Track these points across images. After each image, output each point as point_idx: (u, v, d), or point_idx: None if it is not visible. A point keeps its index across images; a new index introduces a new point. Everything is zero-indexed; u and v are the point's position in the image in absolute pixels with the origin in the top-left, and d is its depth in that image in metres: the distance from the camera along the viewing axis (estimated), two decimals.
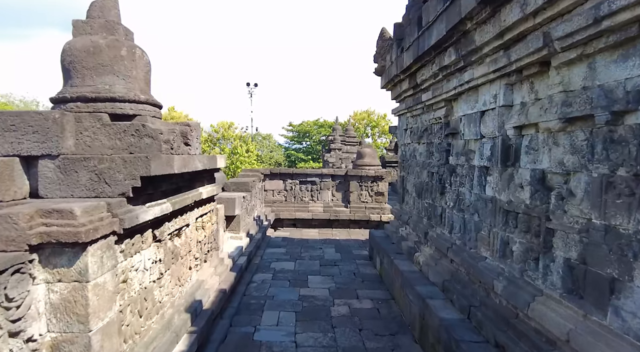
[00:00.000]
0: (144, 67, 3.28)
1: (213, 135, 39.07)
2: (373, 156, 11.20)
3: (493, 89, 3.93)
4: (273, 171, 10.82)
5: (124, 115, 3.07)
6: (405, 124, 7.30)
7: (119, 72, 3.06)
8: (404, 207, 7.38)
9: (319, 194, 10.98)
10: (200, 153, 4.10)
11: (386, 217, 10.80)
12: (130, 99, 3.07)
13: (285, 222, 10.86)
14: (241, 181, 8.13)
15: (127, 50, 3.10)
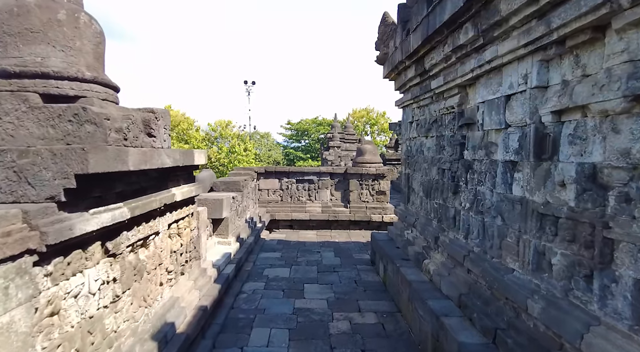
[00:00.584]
0: (92, 37, 2.60)
1: (211, 134, 38.42)
2: (374, 153, 10.54)
3: (522, 68, 3.25)
4: (268, 169, 10.14)
5: (62, 96, 2.39)
6: (411, 116, 6.62)
7: (56, 41, 2.39)
8: (409, 208, 6.71)
9: (317, 193, 10.31)
10: (170, 146, 3.42)
11: (388, 217, 10.13)
12: (71, 75, 2.40)
13: (281, 224, 10.19)
14: (231, 180, 7.45)
15: (67, 13, 2.43)
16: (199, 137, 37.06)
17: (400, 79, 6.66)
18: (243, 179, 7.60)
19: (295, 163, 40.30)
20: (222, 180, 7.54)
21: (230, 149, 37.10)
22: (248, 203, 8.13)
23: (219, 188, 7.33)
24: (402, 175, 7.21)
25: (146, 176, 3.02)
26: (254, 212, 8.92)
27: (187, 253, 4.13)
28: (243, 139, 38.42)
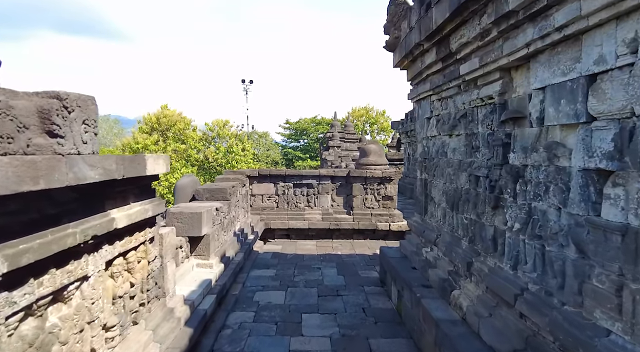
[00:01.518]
0: None
1: (208, 134, 37.35)
2: (379, 154, 9.46)
3: (624, 31, 2.16)
4: (262, 173, 9.06)
5: None
6: (429, 110, 5.53)
7: None
8: (427, 221, 5.62)
9: (317, 199, 9.24)
10: (98, 151, 2.31)
11: (396, 225, 9.05)
12: None
13: (276, 233, 9.11)
14: (217, 186, 6.36)
15: None
16: (196, 137, 36.00)
17: (415, 66, 5.58)
18: (231, 186, 6.51)
19: (294, 163, 39.27)
20: (206, 187, 6.45)
21: (227, 149, 36.06)
22: (237, 212, 7.05)
23: (202, 197, 6.25)
24: (418, 181, 6.12)
25: (51, 199, 1.92)
26: (245, 222, 7.84)
27: (143, 293, 3.04)
28: (241, 138, 37.33)
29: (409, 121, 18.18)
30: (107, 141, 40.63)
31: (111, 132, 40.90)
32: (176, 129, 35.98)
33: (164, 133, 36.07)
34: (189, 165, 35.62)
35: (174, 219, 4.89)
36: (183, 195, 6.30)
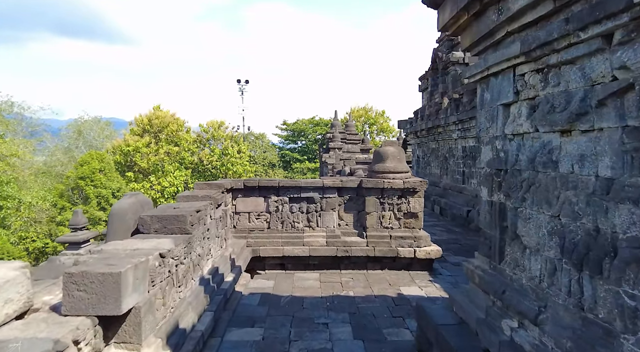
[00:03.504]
0: None
1: (202, 136, 35.10)
2: (399, 158, 7.23)
3: None
4: (248, 184, 6.80)
5: None
6: (511, 91, 3.25)
7: None
8: (505, 272, 3.33)
9: (320, 217, 6.99)
10: None
11: (423, 251, 6.80)
12: None
13: (268, 262, 6.85)
14: (172, 213, 4.08)
15: None
16: (189, 139, 33.73)
17: (482, 22, 3.33)
18: (195, 210, 4.24)
19: (291, 165, 37.01)
20: (157, 213, 4.17)
21: (223, 151, 33.84)
22: (208, 246, 4.79)
23: (150, 228, 4.00)
24: (485, 204, 3.84)
25: None
26: (223, 254, 5.55)
27: None
28: (236, 140, 35.08)
29: (418, 120, 15.94)
30: (98, 144, 38.23)
31: (102, 134, 38.53)
32: (169, 131, 33.69)
33: (156, 135, 33.77)
34: (183, 168, 33.36)
35: (72, 284, 2.66)
36: (121, 226, 4.05)
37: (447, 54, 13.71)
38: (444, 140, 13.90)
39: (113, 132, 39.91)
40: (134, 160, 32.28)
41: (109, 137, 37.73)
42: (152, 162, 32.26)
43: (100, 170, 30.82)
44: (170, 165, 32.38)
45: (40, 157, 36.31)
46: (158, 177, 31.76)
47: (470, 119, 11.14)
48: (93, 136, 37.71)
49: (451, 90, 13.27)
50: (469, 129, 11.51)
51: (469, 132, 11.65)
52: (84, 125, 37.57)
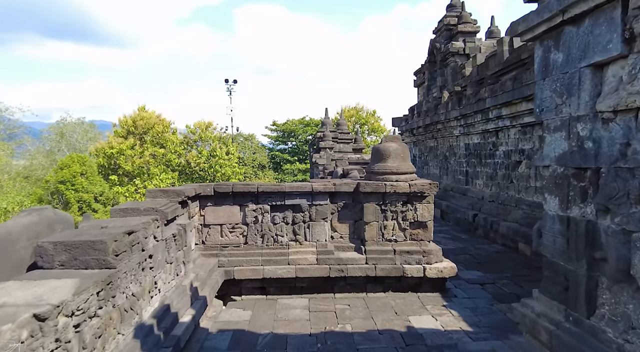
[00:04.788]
0: None
1: (189, 137, 33.52)
2: (403, 156, 5.91)
3: None
4: (220, 190, 5.41)
5: None
6: (617, 38, 1.94)
7: None
8: (602, 332, 1.99)
9: (309, 228, 5.65)
10: None
11: (434, 269, 5.48)
12: None
13: (245, 286, 5.48)
14: (88, 238, 2.68)
15: None
16: (176, 141, 32.12)
17: None
18: (123, 232, 2.85)
19: (282, 166, 35.60)
20: (67, 237, 2.78)
21: (211, 152, 32.30)
22: (153, 277, 3.39)
23: (53, 261, 2.62)
24: (556, 221, 2.50)
25: None
26: (180, 283, 4.10)
27: None
28: (225, 141, 33.58)
29: (414, 116, 14.68)
30: (81, 146, 36.44)
31: (86, 137, 36.70)
32: (154, 132, 32.02)
33: (141, 137, 32.09)
34: (169, 170, 31.77)
35: None
36: (8, 257, 2.68)
37: (446, 45, 12.46)
38: (443, 138, 12.64)
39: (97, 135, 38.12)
40: (118, 163, 30.56)
41: (93, 140, 35.94)
42: (137, 165, 30.56)
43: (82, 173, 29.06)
44: (156, 168, 30.76)
45: (21, 161, 34.37)
46: (143, 180, 30.08)
47: (474, 114, 9.88)
48: (76, 138, 35.88)
49: (451, 83, 12.02)
50: (473, 124, 10.26)
51: (472, 128, 10.39)
52: (66, 128, 35.72)
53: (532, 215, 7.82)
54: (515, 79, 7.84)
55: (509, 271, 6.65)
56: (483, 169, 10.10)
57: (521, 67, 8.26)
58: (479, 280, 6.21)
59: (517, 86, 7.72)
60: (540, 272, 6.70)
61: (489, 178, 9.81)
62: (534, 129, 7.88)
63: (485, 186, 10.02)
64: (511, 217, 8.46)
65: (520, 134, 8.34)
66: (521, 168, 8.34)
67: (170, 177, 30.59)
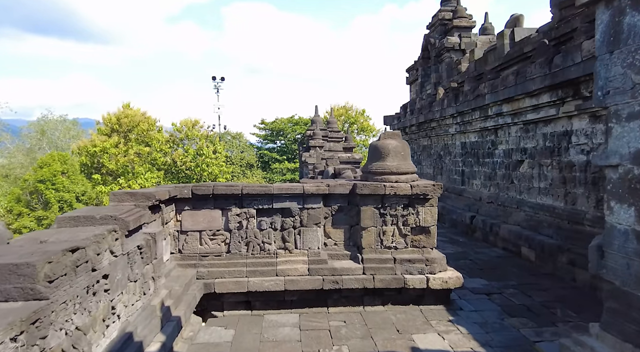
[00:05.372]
0: None
1: (175, 135, 32.54)
2: (404, 154, 5.32)
3: None
4: (198, 191, 4.74)
5: None
6: None
7: None
8: None
9: (299, 235, 5.03)
10: None
11: (438, 279, 4.92)
12: None
13: (228, 300, 4.83)
14: (9, 261, 2.05)
15: None
16: (161, 139, 31.10)
17: None
18: (64, 249, 2.21)
19: (270, 165, 34.86)
20: None
21: (197, 151, 31.39)
22: (109, 302, 2.72)
23: None
24: (630, 237, 1.92)
25: None
26: (148, 304, 3.41)
27: None
28: (212, 140, 32.68)
29: (407, 114, 14.16)
30: (63, 144, 35.14)
31: (68, 134, 35.40)
32: (139, 130, 30.95)
33: (125, 135, 30.98)
34: (155, 169, 30.78)
35: None
36: None
37: (441, 40, 11.95)
38: (438, 136, 12.13)
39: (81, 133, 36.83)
40: (102, 161, 29.41)
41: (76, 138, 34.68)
42: (121, 164, 29.45)
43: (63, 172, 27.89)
44: (141, 167, 29.75)
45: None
46: (128, 179, 29.02)
47: (472, 111, 9.37)
48: (58, 136, 34.58)
49: (446, 80, 11.51)
50: (470, 122, 9.75)
51: (470, 126, 9.88)
52: (47, 125, 34.37)
53: (536, 217, 7.33)
54: (518, 74, 7.33)
55: (515, 279, 6.13)
56: (481, 169, 9.61)
57: (524, 61, 7.76)
58: (485, 289, 5.67)
59: (520, 81, 7.21)
60: (548, 279, 6.24)
61: (487, 178, 9.31)
62: (537, 126, 7.39)
63: (483, 187, 9.52)
64: (512, 219, 7.97)
65: (522, 131, 7.84)
66: (523, 168, 7.85)
67: (155, 176, 29.62)
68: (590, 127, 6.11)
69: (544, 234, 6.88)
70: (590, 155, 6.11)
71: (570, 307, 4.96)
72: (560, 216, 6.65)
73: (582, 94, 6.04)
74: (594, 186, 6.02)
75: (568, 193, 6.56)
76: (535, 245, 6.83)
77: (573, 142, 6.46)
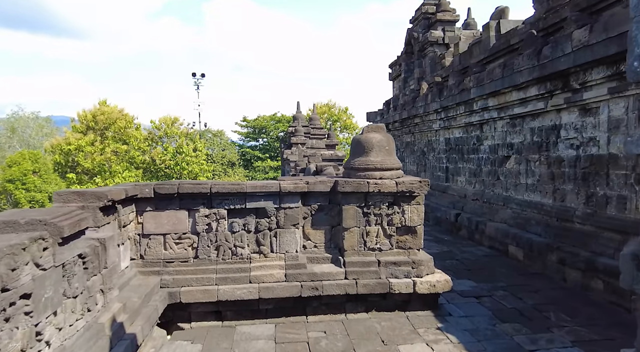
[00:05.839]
0: None
1: (154, 133, 31.51)
2: (388, 149, 4.91)
3: None
4: (161, 190, 4.22)
5: None
6: None
7: None
8: None
9: (275, 237, 4.57)
10: None
11: (425, 283, 4.53)
12: None
13: (195, 310, 4.34)
14: None
15: None
16: (139, 137, 30.04)
17: None
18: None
19: (252, 163, 34.21)
20: None
21: (177, 149, 30.48)
22: (35, 325, 2.21)
23: None
24: None
25: None
26: (94, 322, 2.88)
27: None
28: (192, 138, 31.82)
29: (390, 110, 13.83)
30: (36, 143, 33.67)
31: (41, 132, 33.92)
32: (116, 128, 29.84)
33: (102, 132, 29.82)
34: (133, 168, 29.73)
35: None
36: None
37: (424, 34, 11.63)
38: (421, 132, 11.83)
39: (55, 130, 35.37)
40: (77, 160, 28.18)
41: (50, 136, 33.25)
42: (98, 162, 28.30)
43: (34, 171, 26.64)
44: (119, 166, 28.67)
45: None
46: (105, 178, 27.90)
47: (457, 105, 9.07)
48: (30, 134, 33.09)
49: (430, 75, 11.20)
50: (455, 117, 9.46)
51: (454, 121, 9.59)
52: (18, 122, 32.85)
53: (523, 215, 7.06)
54: (505, 66, 7.03)
55: (504, 280, 5.82)
56: (465, 165, 9.32)
57: (511, 53, 7.48)
58: (473, 292, 5.33)
59: (507, 74, 6.91)
60: (538, 279, 5.92)
61: (472, 175, 9.03)
62: (525, 120, 7.11)
63: (467, 183, 9.24)
64: (498, 217, 7.69)
65: (508, 126, 7.56)
66: (509, 163, 7.57)
67: (134, 175, 28.63)
68: (580, 121, 5.84)
69: (532, 232, 6.61)
70: (580, 149, 5.84)
71: (563, 311, 4.65)
72: (549, 213, 6.38)
73: (571, 87, 5.76)
74: (584, 181, 5.75)
75: (557, 189, 6.30)
76: (523, 243, 6.55)
77: (562, 136, 6.18)
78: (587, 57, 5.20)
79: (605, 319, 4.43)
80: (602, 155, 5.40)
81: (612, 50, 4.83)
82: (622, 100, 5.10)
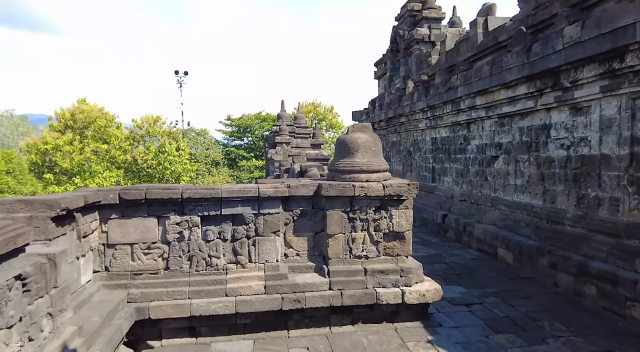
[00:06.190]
0: None
1: (136, 132, 30.64)
2: (375, 150, 4.60)
3: None
4: (127, 196, 3.82)
5: None
6: None
7: None
8: None
9: (254, 246, 4.22)
10: None
11: (414, 292, 4.25)
12: None
13: (166, 327, 3.96)
14: None
15: None
16: (120, 136, 29.15)
17: None
18: None
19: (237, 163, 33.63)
20: None
21: (159, 148, 29.71)
22: None
23: None
24: None
25: None
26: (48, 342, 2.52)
27: None
28: (175, 136, 31.07)
29: (376, 109, 13.57)
30: (10, 142, 32.37)
31: (16, 131, 32.64)
32: (96, 127, 28.88)
33: (81, 131, 28.82)
34: (114, 168, 28.85)
35: None
36: None
37: (410, 31, 11.39)
38: (407, 132, 11.60)
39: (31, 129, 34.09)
40: (54, 160, 27.16)
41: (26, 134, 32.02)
42: (77, 162, 27.33)
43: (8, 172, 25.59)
44: (99, 165, 27.75)
45: None
46: (84, 178, 26.96)
47: (443, 104, 8.85)
48: (4, 133, 31.80)
49: (416, 73, 10.97)
50: (441, 116, 9.24)
51: (441, 121, 9.37)
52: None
53: (512, 216, 6.86)
54: (493, 64, 6.82)
55: (494, 285, 5.59)
56: (452, 165, 9.12)
57: (499, 50, 7.27)
58: (464, 299, 5.08)
59: (496, 71, 6.70)
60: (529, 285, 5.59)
61: (459, 175, 8.83)
62: (513, 120, 6.91)
63: (454, 184, 9.04)
64: (487, 218, 7.49)
65: (497, 126, 7.36)
66: (498, 164, 7.37)
67: (115, 175, 27.79)
68: (571, 120, 5.65)
69: (522, 234, 6.41)
70: (571, 150, 5.66)
71: (557, 319, 4.43)
72: (539, 214, 6.19)
73: (562, 85, 5.56)
74: (575, 182, 5.57)
75: (547, 190, 6.10)
76: (513, 246, 6.35)
77: (552, 136, 5.99)
78: (578, 54, 4.99)
79: (601, 327, 4.22)
80: (594, 156, 5.21)
81: (605, 47, 4.63)
82: (615, 99, 4.91)
